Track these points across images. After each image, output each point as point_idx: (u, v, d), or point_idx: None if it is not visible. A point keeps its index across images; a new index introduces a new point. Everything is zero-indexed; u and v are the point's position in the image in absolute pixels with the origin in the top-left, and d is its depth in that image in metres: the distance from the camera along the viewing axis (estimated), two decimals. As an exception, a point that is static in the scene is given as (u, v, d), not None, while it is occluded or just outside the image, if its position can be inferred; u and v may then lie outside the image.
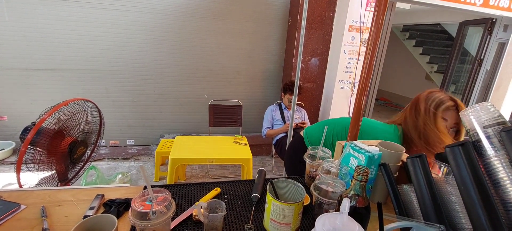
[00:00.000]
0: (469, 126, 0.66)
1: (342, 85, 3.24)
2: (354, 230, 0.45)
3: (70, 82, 3.10)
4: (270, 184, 0.80)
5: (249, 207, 0.90)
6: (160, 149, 2.67)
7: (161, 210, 0.65)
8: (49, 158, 1.40)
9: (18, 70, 2.93)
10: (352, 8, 2.85)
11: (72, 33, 2.94)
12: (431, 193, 0.69)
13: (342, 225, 0.44)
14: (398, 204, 0.79)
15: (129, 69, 3.22)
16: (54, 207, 0.83)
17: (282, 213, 0.73)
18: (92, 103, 1.62)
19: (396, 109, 7.04)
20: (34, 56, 2.92)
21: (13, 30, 2.78)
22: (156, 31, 3.17)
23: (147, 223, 0.62)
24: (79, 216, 0.79)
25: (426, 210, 0.71)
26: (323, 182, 0.82)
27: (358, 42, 2.98)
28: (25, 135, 1.29)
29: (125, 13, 3.02)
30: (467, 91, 4.51)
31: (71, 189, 0.94)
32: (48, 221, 0.77)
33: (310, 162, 1.01)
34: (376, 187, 0.92)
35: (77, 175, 1.75)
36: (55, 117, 1.38)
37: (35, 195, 0.89)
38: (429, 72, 6.44)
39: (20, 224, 0.76)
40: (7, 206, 0.80)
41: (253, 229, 0.79)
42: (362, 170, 0.62)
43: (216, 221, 0.72)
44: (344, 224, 0.45)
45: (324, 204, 0.77)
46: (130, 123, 3.45)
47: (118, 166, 3.03)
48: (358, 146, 0.87)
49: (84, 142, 1.62)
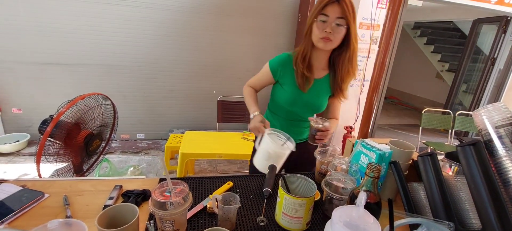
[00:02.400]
0: (481, 125, 0.67)
1: (351, 83, 3.22)
2: (370, 221, 0.47)
3: (83, 77, 3.18)
4: (282, 179, 0.82)
5: (260, 201, 0.93)
6: (169, 144, 2.72)
7: (179, 201, 0.68)
8: (67, 149, 1.45)
9: (33, 65, 3.01)
10: (363, 5, 2.83)
11: (85, 29, 3.01)
12: (441, 191, 0.71)
13: (358, 217, 0.46)
14: (407, 201, 0.80)
15: (140, 64, 3.28)
16: (75, 196, 0.87)
17: (294, 207, 0.75)
18: (106, 97, 1.66)
19: (406, 108, 6.97)
20: (49, 51, 2.99)
21: (28, 25, 2.86)
22: (167, 27, 3.21)
23: (166, 213, 0.65)
24: (99, 206, 0.83)
25: (435, 207, 0.72)
26: (334, 178, 0.84)
27: (369, 39, 2.95)
28: (44, 127, 1.34)
29: (137, 9, 3.06)
30: (479, 90, 4.43)
31: (91, 180, 0.99)
32: (71, 209, 0.81)
33: (320, 159, 1.03)
34: (385, 184, 0.93)
35: (92, 167, 1.81)
36: (72, 110, 1.43)
37: (57, 184, 0.93)
38: (440, 70, 6.34)
39: (44, 211, 0.81)
40: (32, 195, 0.85)
41: (265, 222, 0.82)
42: (375, 167, 0.64)
43: (230, 213, 0.75)
44: (360, 216, 0.47)
45: (335, 200, 0.80)
46: (140, 117, 3.52)
47: (129, 159, 3.10)
48: (369, 144, 0.89)
49: (99, 135, 1.67)
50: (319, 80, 1.20)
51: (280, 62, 1.19)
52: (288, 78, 1.19)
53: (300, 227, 0.78)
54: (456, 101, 5.14)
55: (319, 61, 1.18)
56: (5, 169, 2.67)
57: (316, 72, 1.19)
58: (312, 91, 1.19)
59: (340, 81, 1.17)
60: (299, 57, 1.14)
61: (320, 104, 1.23)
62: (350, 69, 1.15)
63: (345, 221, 0.47)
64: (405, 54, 7.10)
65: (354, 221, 0.47)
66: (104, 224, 0.60)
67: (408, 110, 6.80)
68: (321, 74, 1.21)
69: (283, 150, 0.99)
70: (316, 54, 1.16)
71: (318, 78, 1.20)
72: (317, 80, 1.20)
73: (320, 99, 1.22)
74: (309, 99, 1.20)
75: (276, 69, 1.20)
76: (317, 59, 1.17)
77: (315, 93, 1.20)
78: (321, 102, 1.23)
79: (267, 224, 0.81)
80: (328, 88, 1.22)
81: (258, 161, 1.02)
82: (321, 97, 1.22)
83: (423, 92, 7.02)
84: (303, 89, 1.17)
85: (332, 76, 1.21)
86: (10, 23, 2.81)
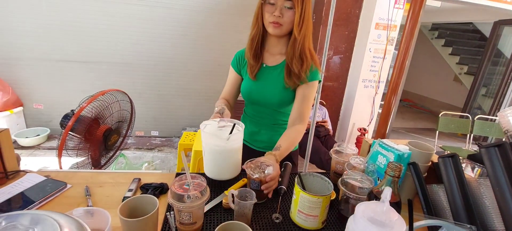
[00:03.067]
0: (507, 126, 0.65)
1: (366, 84, 3.18)
2: (394, 218, 0.46)
3: (101, 75, 3.27)
4: (298, 177, 0.82)
5: (275, 198, 0.93)
6: (182, 141, 2.76)
7: (197, 194, 0.69)
8: (86, 144, 1.50)
9: (54, 62, 3.13)
10: (380, 5, 2.79)
11: (105, 28, 3.10)
12: (463, 193, 0.69)
13: (382, 213, 0.46)
14: (426, 203, 0.79)
15: (156, 63, 3.35)
16: (96, 188, 0.90)
17: (310, 205, 0.75)
18: (125, 94, 1.71)
19: (421, 111, 6.79)
20: (69, 49, 3.10)
21: (51, 23, 2.97)
22: (182, 26, 3.26)
23: (185, 205, 0.66)
24: (119, 197, 0.86)
25: (456, 210, 0.71)
26: (351, 177, 0.83)
27: (385, 40, 2.91)
28: (66, 121, 1.39)
29: (156, 9, 3.13)
30: (500, 94, 4.28)
31: (110, 172, 1.02)
32: (92, 199, 0.84)
33: (336, 158, 1.03)
34: (403, 186, 0.91)
35: (109, 162, 1.86)
36: (92, 106, 1.48)
37: (78, 176, 0.97)
38: (458, 73, 6.16)
39: (67, 200, 0.84)
40: (56, 184, 0.88)
41: (280, 219, 0.82)
42: (395, 166, 0.63)
43: (246, 208, 0.76)
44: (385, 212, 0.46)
45: (352, 199, 0.79)
46: (154, 115, 3.59)
47: (143, 156, 3.17)
48: (387, 144, 0.87)
49: (117, 130, 1.72)
50: (271, 67, 1.09)
51: (238, 54, 1.16)
52: (244, 70, 1.14)
53: (315, 225, 0.78)
54: (475, 105, 4.97)
55: (272, 46, 1.08)
56: (26, 161, 2.78)
57: (270, 58, 1.09)
58: (262, 79, 1.09)
59: (295, 69, 1.02)
60: (248, 43, 1.07)
61: (274, 95, 1.09)
62: (303, 56, 1.02)
63: (369, 216, 0.46)
64: (421, 56, 6.93)
65: (379, 216, 0.46)
66: (125, 214, 0.62)
67: (423, 113, 6.64)
68: (275, 61, 1.09)
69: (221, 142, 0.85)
70: (269, 39, 1.07)
71: (271, 65, 1.09)
72: (269, 67, 1.09)
73: (274, 89, 1.08)
74: (261, 89, 1.09)
75: (236, 62, 1.15)
76: (270, 44, 1.08)
77: (267, 82, 1.09)
78: (275, 92, 1.08)
79: (282, 221, 0.81)
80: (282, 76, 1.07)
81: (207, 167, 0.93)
82: (275, 86, 1.08)
83: (440, 96, 6.83)
84: (251, 77, 1.08)
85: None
86: (33, 22, 2.93)
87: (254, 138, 1.22)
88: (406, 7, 2.84)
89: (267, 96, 1.10)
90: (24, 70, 3.10)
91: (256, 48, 1.06)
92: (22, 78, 3.13)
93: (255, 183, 0.86)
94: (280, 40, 1.06)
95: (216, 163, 0.93)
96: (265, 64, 1.10)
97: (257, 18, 1.02)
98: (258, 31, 1.03)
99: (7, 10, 2.85)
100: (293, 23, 0.98)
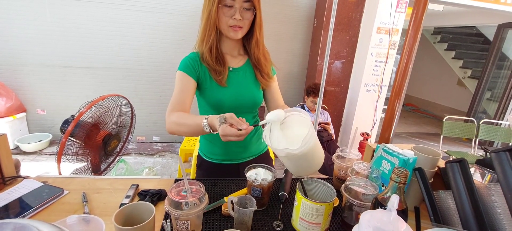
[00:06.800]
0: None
1: (368, 89, 3.15)
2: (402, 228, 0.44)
3: (103, 80, 3.28)
4: (300, 183, 0.79)
5: (276, 205, 0.90)
6: (183, 146, 2.75)
7: (195, 201, 0.67)
8: (86, 149, 1.49)
9: (57, 68, 3.14)
10: (381, 9, 2.77)
11: (107, 34, 3.11)
12: (473, 200, 0.66)
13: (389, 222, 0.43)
14: (433, 211, 0.76)
15: (157, 68, 3.35)
16: (93, 194, 0.88)
17: (312, 213, 0.72)
18: (125, 99, 1.70)
19: (424, 116, 6.73)
20: (72, 55, 3.12)
21: (54, 29, 2.99)
22: (182, 32, 3.27)
23: (182, 213, 0.64)
24: (116, 204, 0.83)
25: (466, 217, 0.68)
26: (354, 183, 0.81)
27: (387, 44, 2.89)
28: (66, 127, 1.38)
29: (156, 15, 3.14)
30: (505, 98, 4.23)
31: (108, 178, 1.00)
32: (89, 206, 0.82)
33: (339, 163, 1.00)
34: (409, 192, 0.89)
35: (109, 167, 1.84)
36: (92, 110, 1.47)
37: (76, 182, 0.95)
38: (461, 77, 6.11)
39: (64, 207, 0.82)
40: (53, 191, 0.86)
41: (281, 227, 0.79)
42: (401, 172, 0.60)
43: (245, 216, 0.73)
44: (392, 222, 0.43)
45: (355, 206, 0.76)
46: (156, 120, 3.58)
47: (144, 161, 3.15)
48: (391, 149, 0.85)
49: (117, 136, 1.70)
50: (238, 69, 1.05)
51: (191, 59, 1.02)
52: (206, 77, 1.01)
53: (318, 233, 0.75)
54: (480, 109, 4.92)
55: (230, 49, 1.05)
56: (28, 167, 2.78)
57: (233, 60, 1.05)
58: (234, 84, 1.03)
59: (265, 69, 1.05)
60: (205, 51, 0.98)
61: (251, 97, 1.05)
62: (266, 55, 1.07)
63: (375, 226, 0.44)
64: (424, 60, 6.90)
65: (385, 226, 0.43)
66: (120, 222, 0.60)
67: (426, 118, 6.57)
68: (238, 63, 1.06)
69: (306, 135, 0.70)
70: (225, 43, 1.03)
71: (237, 67, 1.05)
72: (236, 69, 1.05)
73: (249, 91, 1.05)
74: (235, 94, 1.02)
75: (191, 67, 0.99)
76: (228, 48, 1.04)
77: (240, 86, 1.04)
78: (252, 94, 1.05)
79: (283, 229, 0.79)
80: (253, 75, 1.06)
81: (293, 168, 0.81)
82: (249, 88, 1.05)
83: (443, 100, 6.77)
84: (222, 84, 0.99)
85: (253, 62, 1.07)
86: (37, 28, 2.96)
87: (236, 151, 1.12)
88: (408, 11, 2.82)
89: (244, 101, 1.04)
90: (27, 76, 3.12)
91: (217, 55, 1.00)
92: (25, 84, 3.14)
93: (256, 190, 0.83)
94: (238, 41, 1.04)
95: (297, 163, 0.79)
96: (232, 68, 1.04)
97: (212, 23, 0.94)
98: (213, 36, 0.97)
99: (12, 17, 2.88)
100: (249, 25, 0.98)
